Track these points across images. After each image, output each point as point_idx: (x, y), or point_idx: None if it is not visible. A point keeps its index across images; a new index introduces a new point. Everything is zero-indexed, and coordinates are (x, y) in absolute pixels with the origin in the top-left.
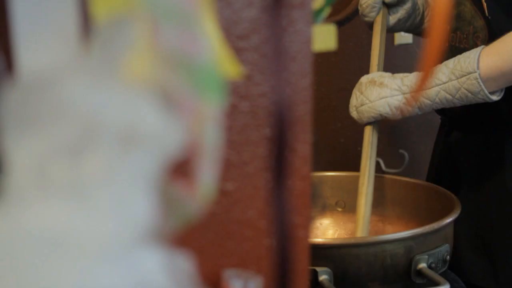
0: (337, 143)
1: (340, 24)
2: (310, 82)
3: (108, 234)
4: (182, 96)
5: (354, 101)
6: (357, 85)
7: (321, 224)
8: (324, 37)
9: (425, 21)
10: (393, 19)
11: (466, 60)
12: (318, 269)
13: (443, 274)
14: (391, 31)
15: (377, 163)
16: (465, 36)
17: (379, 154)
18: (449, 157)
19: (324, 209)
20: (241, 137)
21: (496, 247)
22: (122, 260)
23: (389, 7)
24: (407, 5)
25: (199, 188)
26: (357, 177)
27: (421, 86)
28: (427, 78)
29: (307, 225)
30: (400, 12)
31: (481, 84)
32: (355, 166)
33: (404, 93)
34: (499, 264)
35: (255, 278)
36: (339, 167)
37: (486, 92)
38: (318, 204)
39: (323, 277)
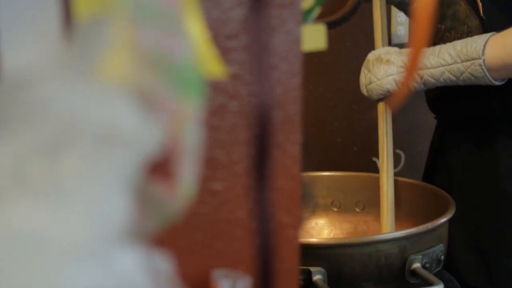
0: (334, 143)
1: (336, 24)
2: (300, 82)
3: (85, 234)
4: (161, 96)
5: (363, 79)
6: (365, 63)
7: (316, 224)
8: (314, 37)
9: None
10: None
11: (473, 45)
12: (312, 269)
13: (438, 274)
14: (390, 3)
15: (374, 163)
16: (459, 35)
17: (374, 154)
18: (443, 157)
19: (320, 209)
20: (230, 137)
21: (489, 247)
22: (99, 260)
23: None
24: None
25: (180, 188)
26: (353, 177)
27: (412, 66)
28: (417, 58)
29: (297, 225)
30: None
31: (485, 70)
32: (352, 166)
33: None
34: (492, 263)
35: (244, 278)
36: (336, 167)
37: (490, 77)
38: (313, 203)
39: (317, 277)
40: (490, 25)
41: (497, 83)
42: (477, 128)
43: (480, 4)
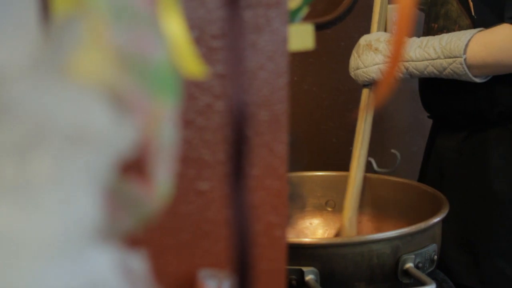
0: (329, 143)
1: (332, 23)
2: (287, 82)
3: (56, 233)
4: (135, 95)
5: (352, 62)
6: (356, 46)
7: (311, 223)
8: (302, 37)
9: None
10: None
11: (457, 42)
12: (304, 268)
13: (432, 274)
14: None
15: (369, 163)
16: None
17: (371, 154)
18: (437, 157)
19: (314, 209)
20: (216, 137)
21: (480, 246)
22: (70, 259)
23: None
24: None
25: (156, 187)
26: (347, 176)
27: (395, 57)
28: (400, 49)
29: (284, 225)
30: None
31: (466, 69)
32: (347, 166)
33: None
34: (483, 263)
35: (230, 278)
36: (331, 167)
37: (470, 75)
38: (307, 203)
39: (309, 277)
40: (481, 24)
41: (478, 80)
42: (468, 128)
43: (471, 4)
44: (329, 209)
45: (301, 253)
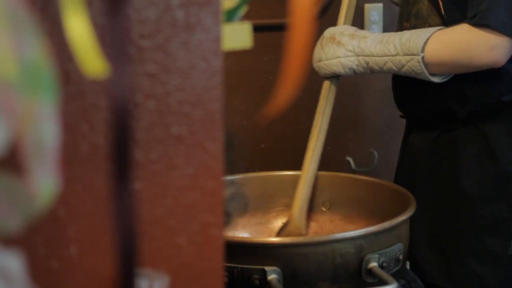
0: (304, 143)
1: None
2: (221, 81)
3: None
4: (4, 95)
5: (315, 54)
6: (320, 38)
7: (283, 223)
8: (239, 36)
9: None
10: None
11: (417, 39)
12: (267, 268)
13: (400, 273)
14: None
15: (347, 162)
16: None
17: (349, 153)
18: (409, 156)
19: (287, 209)
20: (147, 136)
21: (450, 246)
22: None
23: None
24: None
25: (35, 186)
26: (320, 176)
27: (289, 76)
28: (295, 68)
29: (220, 224)
30: None
31: (423, 67)
32: (325, 165)
33: (357, 55)
34: (454, 263)
35: (161, 278)
36: None
37: (427, 74)
38: (280, 203)
39: (271, 276)
40: (451, 23)
41: (436, 80)
42: (439, 128)
43: (441, 3)
44: None
45: (264, 252)
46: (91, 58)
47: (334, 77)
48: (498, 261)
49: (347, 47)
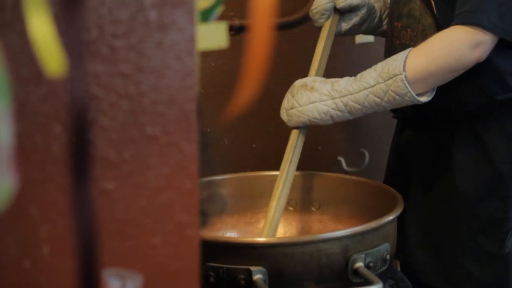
0: None
1: (298, 23)
2: (196, 81)
3: None
4: None
5: (285, 103)
6: (290, 88)
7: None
8: (214, 36)
9: (383, 23)
10: (347, 25)
11: (394, 62)
12: (252, 268)
13: (388, 273)
14: (346, 35)
15: (339, 162)
16: (415, 33)
17: (341, 153)
18: (401, 156)
19: None
20: (121, 136)
21: (445, 246)
22: None
23: (342, 13)
24: (362, 12)
25: None
26: (310, 176)
27: (251, 73)
28: (256, 64)
29: (196, 224)
30: (354, 19)
31: (407, 86)
32: (317, 165)
33: (333, 98)
34: (449, 263)
35: (134, 277)
36: (301, 166)
37: (413, 94)
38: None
39: (257, 277)
40: (443, 23)
41: (422, 100)
42: (433, 128)
43: (433, 3)
44: (291, 208)
45: (249, 252)
46: (52, 58)
47: (303, 127)
48: (493, 260)
49: (322, 91)
